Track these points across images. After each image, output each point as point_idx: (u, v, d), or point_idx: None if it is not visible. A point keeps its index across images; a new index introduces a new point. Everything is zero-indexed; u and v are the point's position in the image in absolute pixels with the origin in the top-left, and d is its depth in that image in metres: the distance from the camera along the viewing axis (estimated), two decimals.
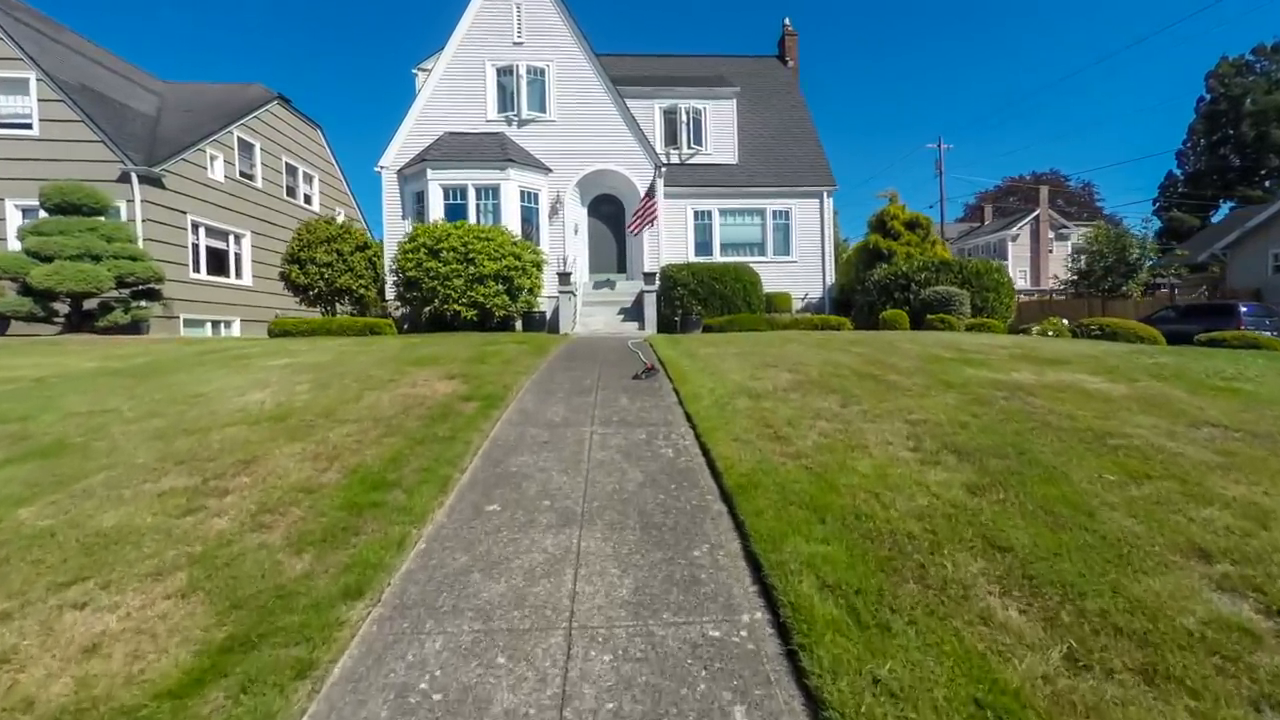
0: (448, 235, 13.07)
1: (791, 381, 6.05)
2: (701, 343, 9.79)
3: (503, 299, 13.00)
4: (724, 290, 14.29)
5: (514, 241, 13.56)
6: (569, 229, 16.07)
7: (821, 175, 18.29)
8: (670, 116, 18.44)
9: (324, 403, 5.38)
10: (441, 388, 5.97)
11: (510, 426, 5.02)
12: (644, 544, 3.09)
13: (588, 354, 9.13)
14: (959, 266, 15.17)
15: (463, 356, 7.84)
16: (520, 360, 7.74)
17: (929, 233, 16.81)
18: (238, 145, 18.41)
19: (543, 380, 6.81)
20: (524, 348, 9.06)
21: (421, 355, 8.00)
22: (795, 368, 6.78)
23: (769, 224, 17.93)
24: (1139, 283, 28.28)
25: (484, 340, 10.11)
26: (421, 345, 9.37)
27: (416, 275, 12.85)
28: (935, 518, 3.05)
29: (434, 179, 15.03)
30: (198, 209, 16.84)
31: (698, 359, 7.77)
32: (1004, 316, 15.08)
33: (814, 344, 9.31)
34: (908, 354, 7.84)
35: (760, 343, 9.62)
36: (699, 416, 4.95)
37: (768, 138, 19.33)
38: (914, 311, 14.93)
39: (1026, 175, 52.30)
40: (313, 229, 12.87)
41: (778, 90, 20.80)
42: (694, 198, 17.72)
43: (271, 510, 3.23)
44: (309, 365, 7.37)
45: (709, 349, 8.74)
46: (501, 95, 16.11)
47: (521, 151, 15.71)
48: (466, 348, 8.85)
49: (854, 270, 18.59)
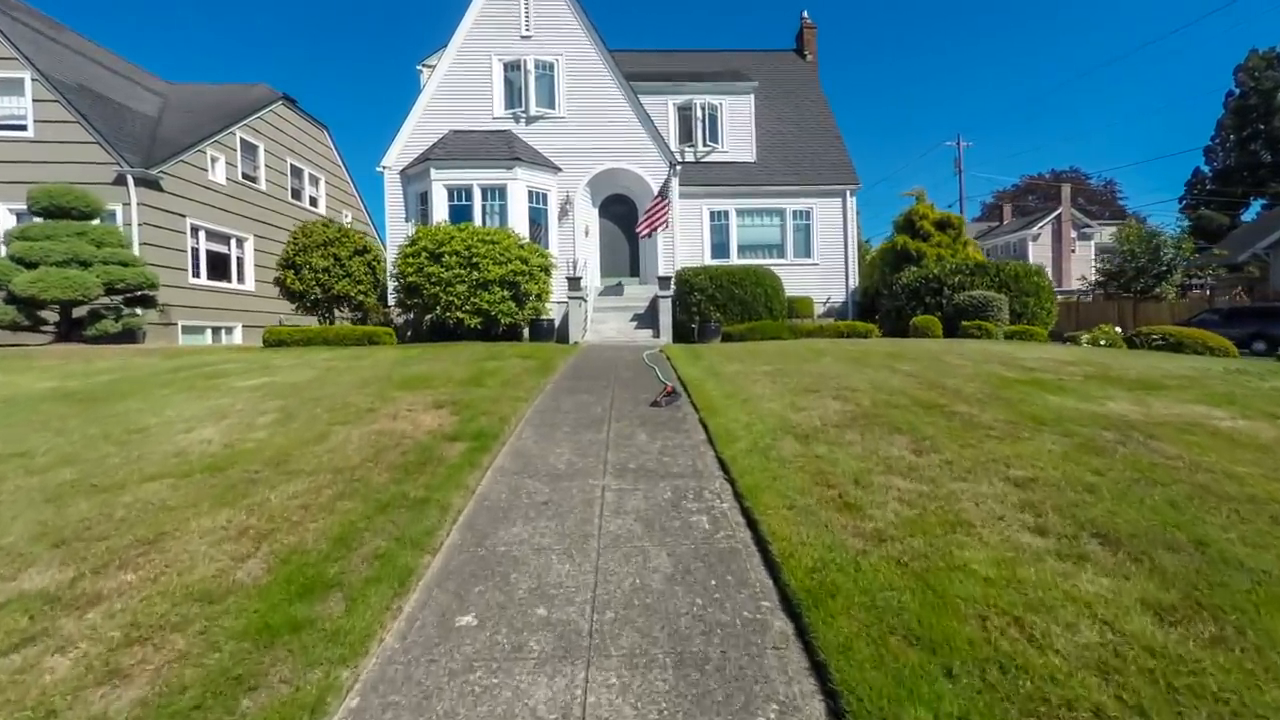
0: (450, 238, 12.09)
1: (842, 414, 4.97)
2: (724, 356, 8.71)
3: (508, 306, 12.00)
4: (743, 295, 13.19)
5: (521, 244, 12.56)
6: (579, 231, 15.05)
7: (844, 173, 17.11)
8: (685, 113, 17.35)
9: (281, 443, 4.38)
10: (426, 420, 4.96)
11: (502, 478, 3.99)
12: (680, 700, 2.04)
13: (599, 369, 8.09)
14: (995, 269, 13.93)
15: (458, 376, 6.83)
16: (522, 380, 6.71)
17: (960, 233, 15.57)
18: (240, 146, 17.59)
19: (547, 407, 5.77)
20: (529, 363, 8.05)
21: (413, 374, 7.00)
22: (841, 393, 5.69)
23: (789, 224, 16.78)
24: (1173, 284, 26.73)
25: (486, 353, 9.11)
26: (417, 359, 8.39)
27: (417, 281, 11.89)
28: (1128, 675, 1.95)
29: (438, 179, 14.08)
30: (198, 212, 16.04)
31: (724, 379, 6.70)
32: (1045, 323, 13.83)
33: (850, 358, 8.21)
34: (964, 373, 6.71)
35: (789, 355, 8.53)
36: (737, 466, 3.89)
37: (787, 134, 18.18)
38: (947, 317, 13.73)
39: (1045, 174, 50.48)
40: (309, 232, 11.96)
41: (797, 85, 19.62)
42: (710, 197, 16.63)
43: (142, 640, 2.21)
44: (284, 387, 6.40)
45: (734, 365, 7.66)
46: (509, 91, 15.11)
47: (529, 150, 14.71)
48: (465, 364, 7.85)
49: (879, 273, 17.39)
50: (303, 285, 11.65)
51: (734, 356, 8.60)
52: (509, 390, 6.15)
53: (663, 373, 7.71)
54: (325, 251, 11.83)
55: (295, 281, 11.69)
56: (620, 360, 9.06)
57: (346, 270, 11.95)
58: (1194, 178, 43.49)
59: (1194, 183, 43.43)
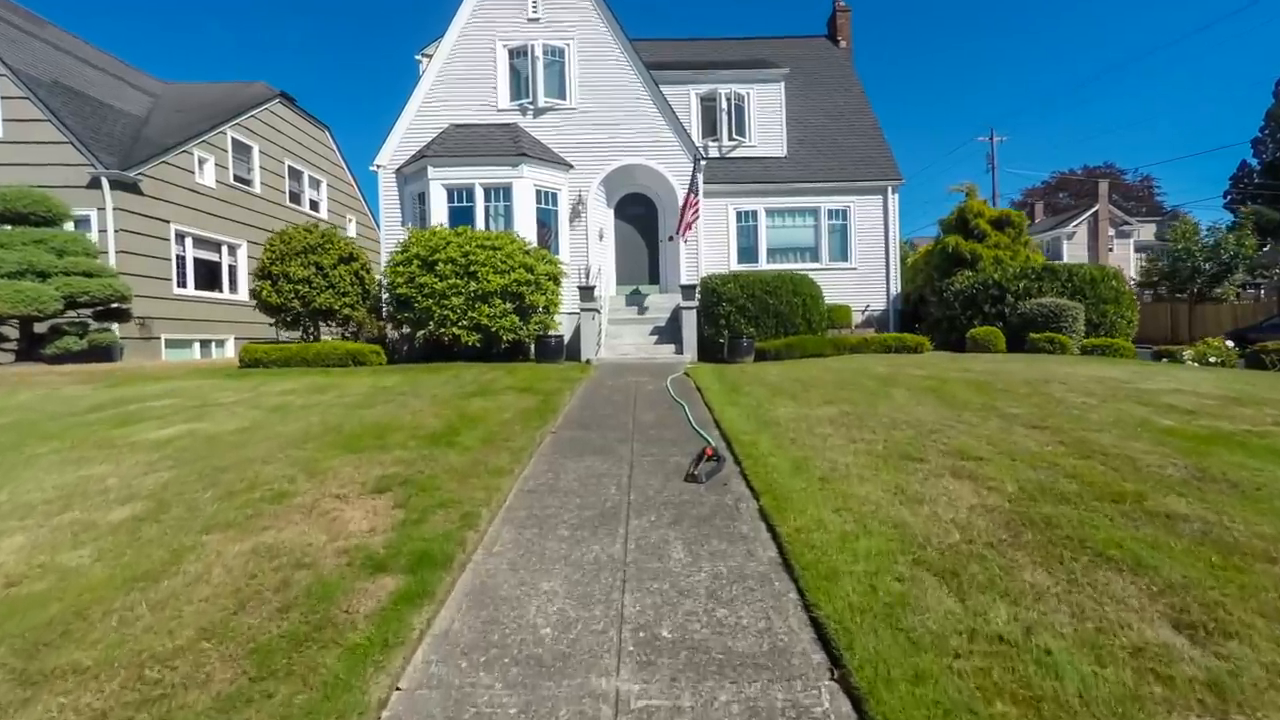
0: (445, 244, 10.43)
1: (985, 512, 3.14)
2: (768, 386, 6.89)
3: (511, 320, 10.30)
4: (778, 306, 11.33)
5: (526, 250, 10.86)
6: (593, 234, 13.31)
7: (884, 168, 15.15)
8: (708, 104, 15.52)
9: (89, 583, 2.69)
10: (353, 520, 3.24)
11: (442, 671, 2.24)
12: None
13: (614, 405, 6.33)
14: (1067, 273, 11.91)
15: (428, 426, 5.12)
16: (512, 432, 4.97)
17: (1021, 232, 13.54)
18: (232, 147, 16.15)
19: (539, 484, 4.02)
20: (525, 399, 6.31)
21: (372, 421, 5.31)
22: (960, 465, 3.86)
23: (823, 225, 14.88)
24: (1234, 285, 24.23)
25: (476, 383, 7.40)
26: (390, 393, 6.70)
27: (408, 293, 10.24)
28: None
29: (435, 178, 12.43)
30: (183, 217, 14.61)
31: (779, 430, 4.90)
32: (1125, 334, 11.77)
33: (929, 390, 6.35)
34: (1102, 419, 4.83)
35: (849, 386, 6.68)
36: (856, 655, 2.09)
37: (820, 126, 16.25)
38: (1011, 328, 11.75)
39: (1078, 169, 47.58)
40: (287, 238, 10.39)
41: (830, 73, 17.66)
42: (737, 196, 14.79)
43: None
44: (198, 445, 4.75)
45: (786, 404, 5.84)
46: (515, 80, 13.42)
47: (537, 145, 13.00)
48: (445, 401, 6.14)
49: (924, 278, 15.39)
50: (280, 298, 10.07)
51: (781, 388, 6.77)
52: (490, 452, 4.41)
53: (693, 410, 5.92)
54: (305, 260, 10.24)
55: (272, 294, 10.12)
56: (640, 391, 7.29)
57: (330, 281, 10.35)
58: (1240, 171, 40.43)
59: (1240, 176, 40.36)
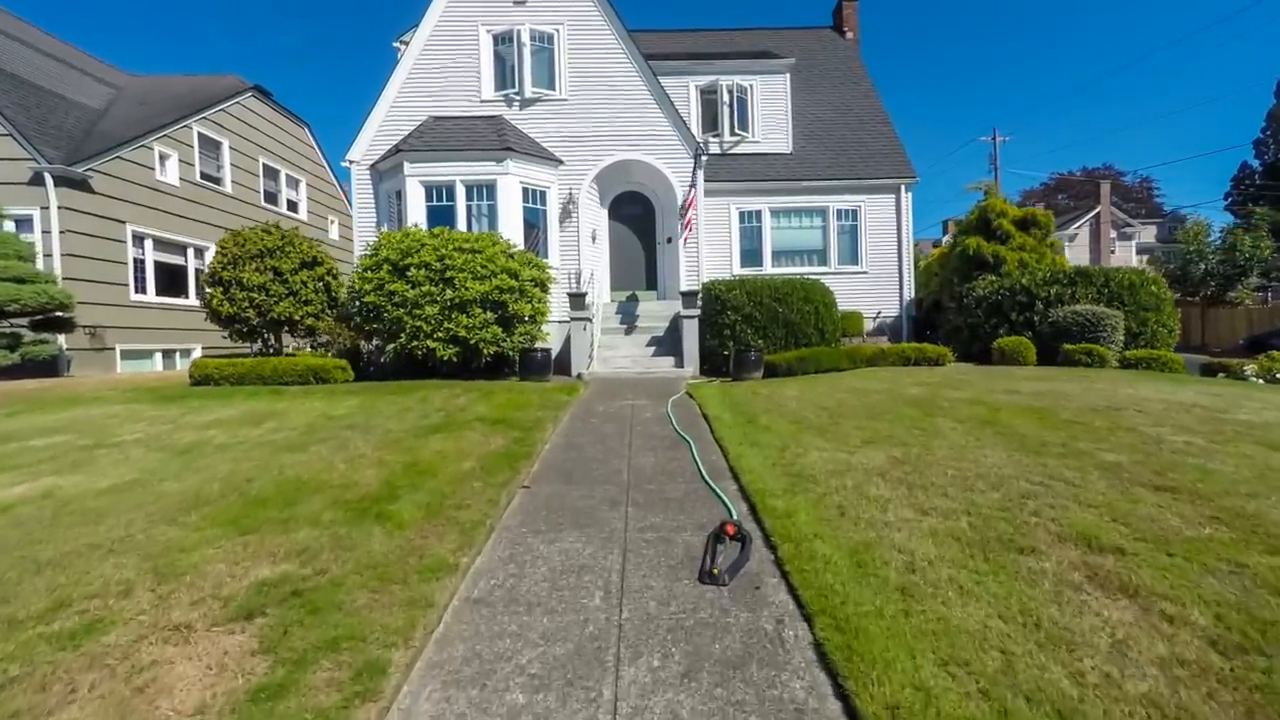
0: (419, 247, 9.18)
1: (1196, 676, 1.95)
2: (790, 418, 5.68)
3: (492, 332, 9.06)
4: (788, 315, 10.13)
5: (509, 253, 9.62)
6: (584, 236, 12.08)
7: (897, 164, 13.98)
8: (708, 97, 14.32)
9: None
10: (177, 690, 2.02)
11: None
12: None
13: (605, 446, 5.10)
14: (1103, 278, 10.73)
15: (362, 485, 3.88)
16: (469, 493, 3.74)
17: (1048, 233, 12.35)
18: (199, 142, 14.84)
19: (490, 595, 2.77)
20: (497, 438, 5.08)
21: (292, 476, 4.07)
22: (1093, 554, 2.65)
23: (832, 226, 13.69)
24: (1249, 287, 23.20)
25: (444, 410, 6.16)
26: (336, 425, 5.46)
27: (376, 302, 8.98)
28: None
29: (413, 174, 11.19)
30: (142, 217, 13.30)
31: (818, 487, 3.68)
32: (1167, 344, 10.61)
33: (977, 419, 5.15)
34: (1233, 468, 3.63)
35: (883, 411, 5.48)
36: None
37: (828, 121, 15.06)
38: (1040, 338, 10.58)
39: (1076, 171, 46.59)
40: (242, 240, 9.12)
41: (837, 65, 16.48)
42: (740, 195, 13.59)
43: None
44: (38, 514, 3.49)
45: (818, 444, 4.63)
46: (499, 68, 12.18)
47: (524, 139, 11.77)
48: (395, 443, 4.90)
49: (940, 282, 14.22)
50: (233, 307, 8.81)
51: (805, 418, 5.55)
52: (432, 531, 3.18)
53: (701, 450, 4.69)
54: (262, 264, 8.97)
55: (224, 303, 8.85)
56: (637, 419, 6.06)
57: (291, 287, 9.09)
58: (1241, 173, 39.49)
59: (1241, 178, 39.43)
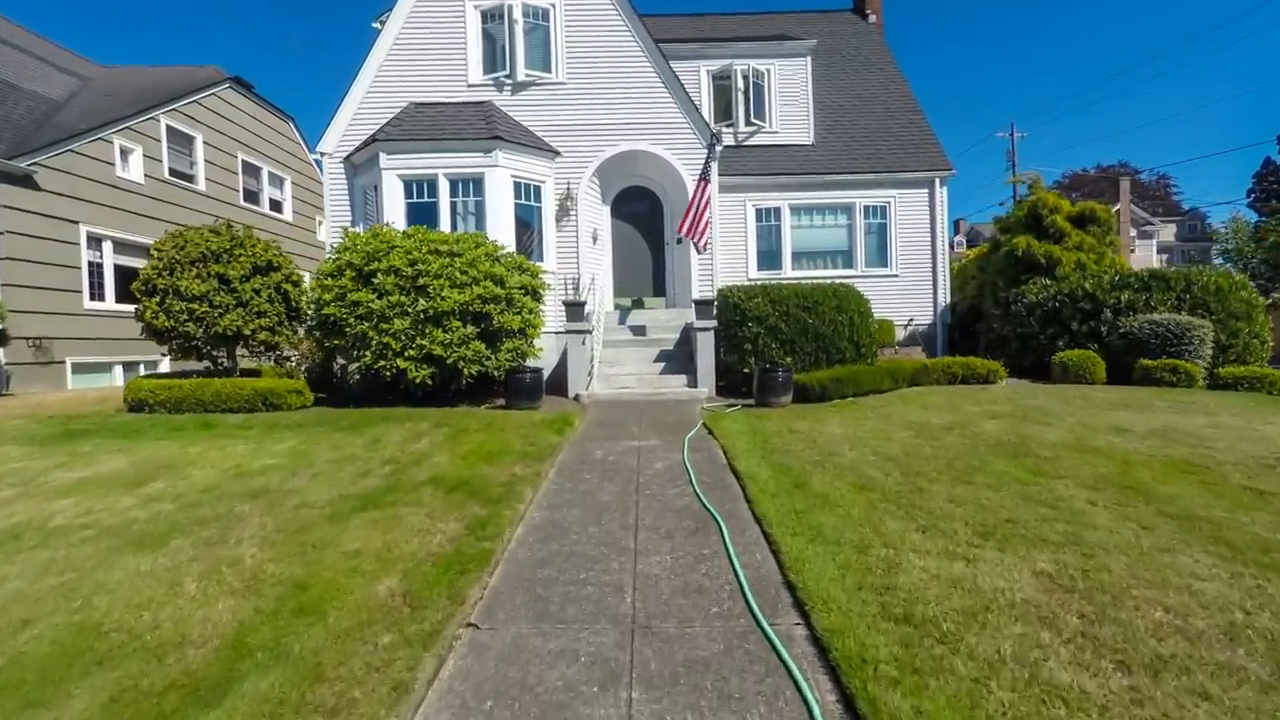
0: (388, 249, 7.65)
1: None
2: (855, 483, 4.09)
3: (474, 349, 7.51)
4: (819, 326, 8.53)
5: (495, 256, 8.07)
6: (584, 236, 10.52)
7: (930, 156, 12.35)
8: (721, 83, 12.72)
9: None
10: None
11: None
12: None
13: (599, 532, 3.53)
14: (1183, 282, 9.07)
15: (201, 632, 2.34)
16: (366, 662, 2.19)
17: (1109, 230, 10.66)
18: (167, 136, 13.37)
19: None
20: (447, 520, 3.53)
21: (96, 615, 2.50)
22: None
23: (858, 224, 12.08)
24: None
25: (393, 463, 4.62)
26: (243, 488, 3.93)
27: (337, 314, 7.45)
28: None
29: (390, 167, 9.66)
30: (100, 217, 11.85)
31: (955, 656, 2.12)
32: (1260, 358, 8.96)
33: (1113, 483, 3.55)
34: None
35: (975, 468, 3.89)
36: None
37: (851, 110, 13.44)
38: (1109, 351, 8.96)
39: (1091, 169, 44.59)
40: (182, 242, 7.62)
41: (859, 50, 14.83)
42: (756, 191, 11.99)
43: None
44: None
45: (916, 541, 3.03)
46: (488, 49, 10.62)
47: (516, 127, 10.22)
48: (298, 531, 3.34)
49: (978, 286, 12.57)
50: (169, 320, 7.33)
51: (878, 484, 3.97)
52: None
53: (735, 533, 3.12)
54: (204, 270, 7.47)
55: (158, 315, 7.36)
56: (646, 476, 4.49)
57: (239, 297, 7.60)
58: (1264, 168, 37.46)
59: (1264, 174, 37.43)
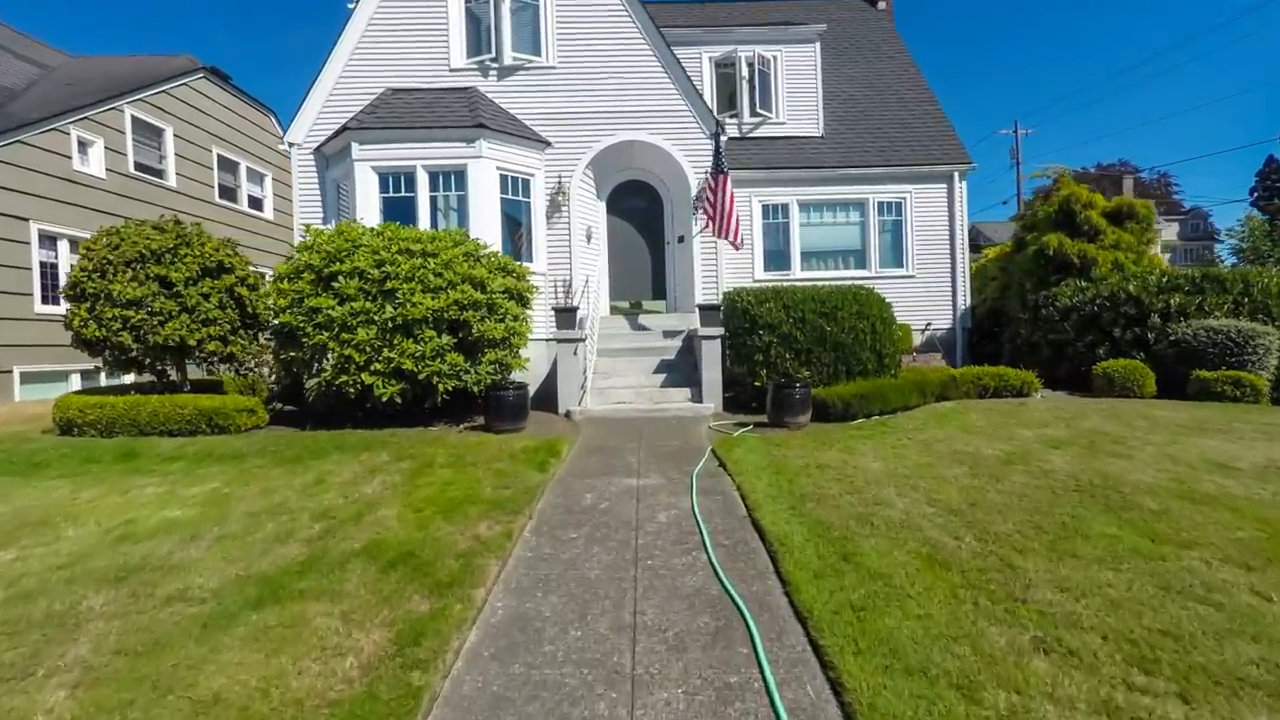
0: (351, 249, 6.62)
1: None
2: (913, 544, 3.05)
3: (451, 361, 6.48)
4: (839, 335, 7.51)
5: (476, 256, 7.03)
6: (577, 235, 9.49)
7: (948, 148, 11.34)
8: (725, 71, 11.69)
9: None
10: None
11: None
12: None
13: (586, 623, 2.48)
14: (1241, 283, 8.06)
15: None
16: None
17: (1147, 227, 9.65)
18: (132, 128, 12.30)
19: None
20: (371, 635, 2.49)
21: None
22: None
23: (872, 221, 11.06)
24: None
25: (325, 523, 3.58)
26: (111, 567, 2.89)
27: (293, 322, 6.43)
28: None
29: (363, 158, 8.62)
30: (54, 214, 10.79)
31: None
32: None
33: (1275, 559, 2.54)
34: None
35: (1063, 526, 2.85)
36: None
37: (862, 100, 12.42)
38: (1159, 361, 7.97)
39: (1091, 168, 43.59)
40: (118, 240, 6.59)
41: (869, 37, 13.81)
42: (762, 186, 10.97)
43: None
44: None
45: (1043, 675, 2.05)
46: (473, 30, 9.58)
47: (502, 114, 9.19)
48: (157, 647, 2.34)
49: (1000, 288, 11.57)
50: (101, 330, 6.31)
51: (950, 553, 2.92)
52: None
53: (773, 648, 2.12)
54: (142, 272, 6.45)
55: (88, 324, 6.33)
56: (647, 536, 3.47)
57: (185, 302, 6.58)
58: (1267, 167, 36.56)
59: (1268, 172, 36.54)
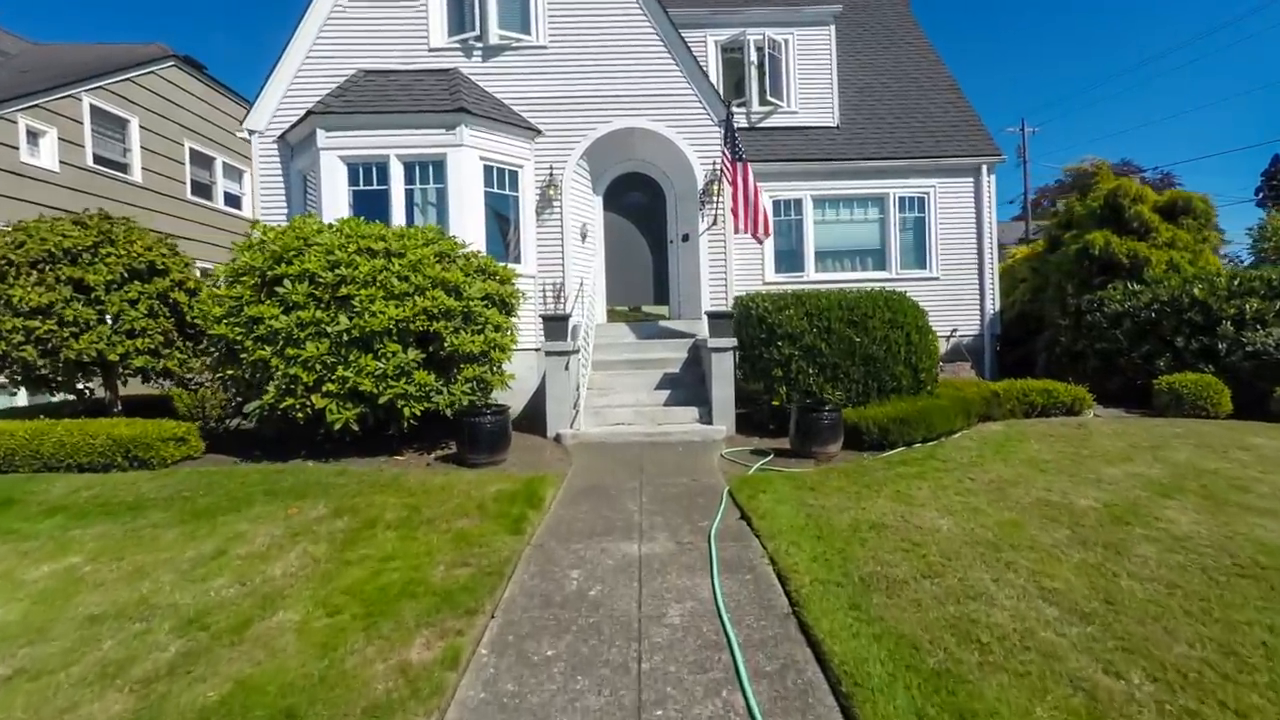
0: (302, 248, 5.52)
1: None
2: (1059, 695, 2.04)
3: (420, 380, 5.39)
4: (869, 346, 6.41)
5: (451, 256, 5.93)
6: (570, 232, 8.38)
7: (975, 139, 10.25)
8: (731, 56, 10.59)
9: None
10: None
11: None
12: None
13: None
14: None
15: None
16: None
17: (1205, 225, 8.53)
18: (91, 118, 11.18)
19: None
20: None
21: None
22: None
23: (892, 218, 9.97)
24: None
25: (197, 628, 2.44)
26: None
27: (229, 334, 5.34)
28: None
29: (329, 147, 7.51)
30: None
31: None
32: None
33: None
34: None
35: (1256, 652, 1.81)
36: None
37: (879, 88, 11.32)
38: (1233, 375, 6.88)
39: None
40: (22, 236, 5.51)
41: (884, 21, 12.71)
42: (773, 180, 9.85)
43: None
44: None
45: None
46: (455, 5, 8.45)
47: (487, 99, 8.09)
48: None
49: (1032, 289, 10.48)
50: (0, 343, 5.23)
51: None
52: None
53: None
54: (52, 274, 5.36)
55: None
56: (654, 631, 2.34)
57: (102, 311, 5.50)
58: (1273, 166, 35.39)
59: (1274, 172, 35.37)
